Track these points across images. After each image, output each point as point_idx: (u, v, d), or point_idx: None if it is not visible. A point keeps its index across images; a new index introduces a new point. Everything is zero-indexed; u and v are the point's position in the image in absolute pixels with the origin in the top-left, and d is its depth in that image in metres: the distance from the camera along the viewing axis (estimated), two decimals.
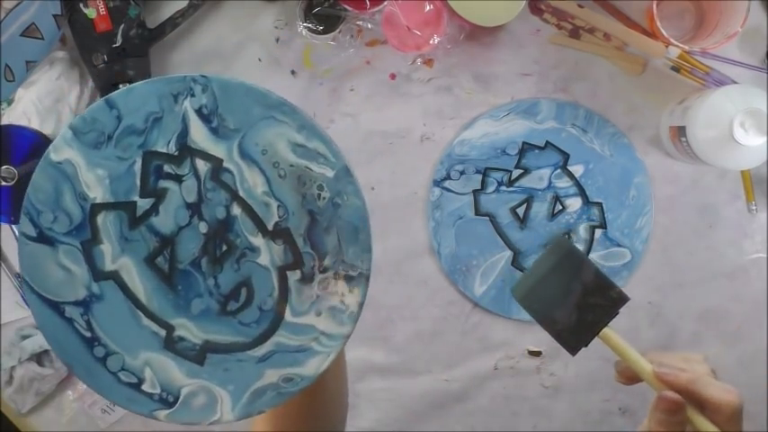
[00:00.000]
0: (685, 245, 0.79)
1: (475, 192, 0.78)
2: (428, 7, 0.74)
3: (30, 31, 0.72)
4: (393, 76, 0.78)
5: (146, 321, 0.55)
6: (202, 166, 0.55)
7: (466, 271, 0.78)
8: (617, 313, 0.46)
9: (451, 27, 0.76)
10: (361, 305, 0.53)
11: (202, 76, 0.54)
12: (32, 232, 0.55)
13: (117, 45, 0.73)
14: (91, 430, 0.81)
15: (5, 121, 0.74)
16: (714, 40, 0.71)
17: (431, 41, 0.75)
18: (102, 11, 0.72)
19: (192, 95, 0.54)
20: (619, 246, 0.78)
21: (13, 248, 0.79)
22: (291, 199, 0.54)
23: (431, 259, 0.79)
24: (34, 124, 0.74)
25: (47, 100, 0.74)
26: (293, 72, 0.78)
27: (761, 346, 0.79)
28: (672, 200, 0.79)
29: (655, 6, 0.71)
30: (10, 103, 0.75)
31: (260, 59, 0.78)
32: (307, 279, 0.54)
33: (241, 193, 0.55)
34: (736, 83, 0.75)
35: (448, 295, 0.79)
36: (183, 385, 0.56)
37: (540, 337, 0.80)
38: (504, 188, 0.78)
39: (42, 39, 0.72)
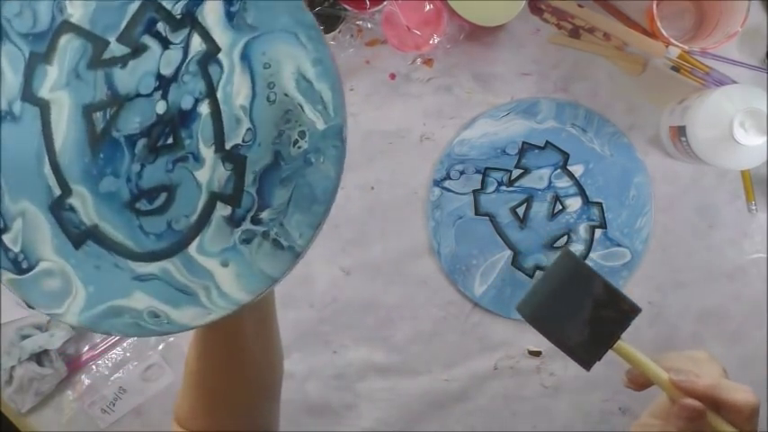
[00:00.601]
0: (685, 245, 0.79)
1: (475, 192, 0.78)
2: (428, 7, 0.74)
3: None
4: (393, 76, 0.78)
5: (46, 170, 0.49)
6: (197, 44, 0.48)
7: (466, 271, 0.78)
8: (628, 325, 0.45)
9: (451, 27, 0.76)
10: (273, 281, 0.47)
11: None
12: None
13: None
14: (90, 430, 0.81)
15: None
16: (714, 40, 0.71)
17: (431, 41, 0.75)
18: None
19: None
20: (619, 246, 0.78)
21: None
22: (266, 129, 0.48)
23: (431, 259, 0.79)
24: None
25: None
26: None
27: (761, 346, 0.79)
28: (672, 200, 0.79)
29: (655, 6, 0.71)
30: None
31: None
32: (234, 221, 0.48)
33: (219, 94, 0.48)
34: (736, 83, 0.75)
35: (448, 295, 0.79)
36: (45, 259, 0.50)
37: (540, 337, 0.79)
38: (503, 188, 0.78)
39: None
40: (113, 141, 0.49)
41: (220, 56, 0.48)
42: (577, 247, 0.78)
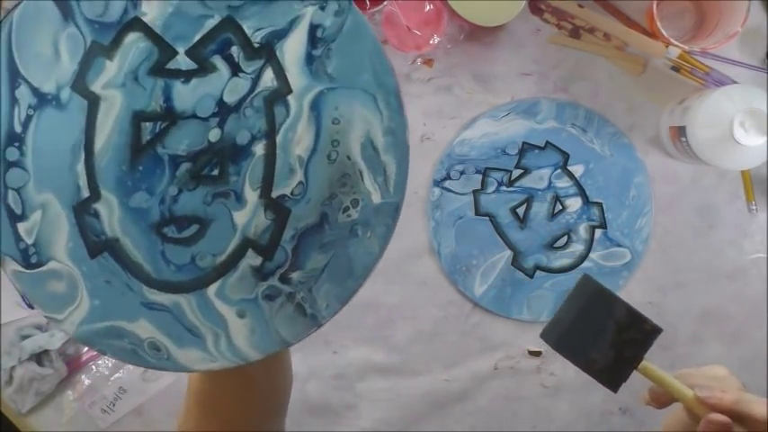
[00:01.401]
0: (685, 245, 0.79)
1: (475, 192, 0.78)
2: (428, 7, 0.74)
3: None
4: None
5: (79, 168, 0.46)
6: (268, 79, 0.45)
7: (466, 271, 0.78)
8: (651, 345, 0.46)
9: (451, 27, 0.76)
10: (286, 345, 0.45)
11: (348, 1, 0.45)
12: None
13: None
14: (91, 430, 0.81)
15: None
16: (714, 40, 0.71)
17: (431, 41, 0.75)
18: None
19: (322, 8, 0.45)
20: (619, 246, 0.78)
21: None
22: (318, 188, 0.45)
23: (431, 259, 0.79)
24: None
25: None
26: None
27: (761, 347, 0.79)
28: (672, 200, 0.79)
29: (655, 6, 0.71)
30: None
31: None
32: (261, 273, 0.46)
33: (278, 138, 0.45)
34: (736, 83, 0.75)
35: (448, 295, 0.79)
36: (57, 259, 0.47)
37: (540, 338, 0.79)
38: (504, 188, 0.78)
39: None
40: (156, 157, 0.47)
41: (290, 98, 0.46)
42: (577, 247, 0.78)
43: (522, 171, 0.78)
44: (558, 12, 0.77)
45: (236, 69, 0.46)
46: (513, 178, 0.78)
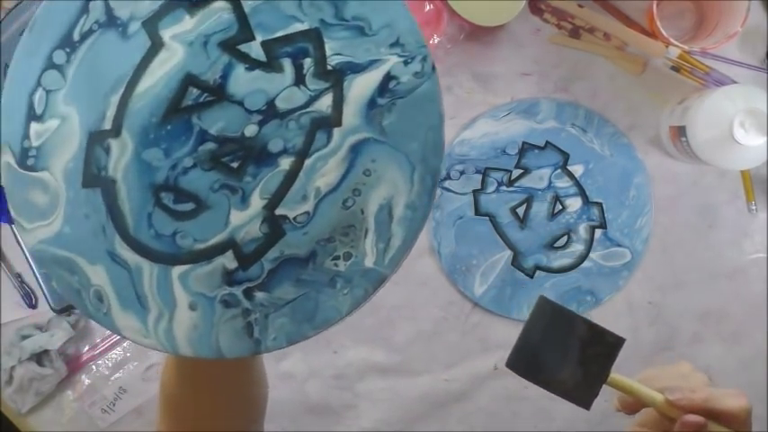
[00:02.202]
0: (685, 245, 0.79)
1: (475, 192, 0.78)
2: (428, 7, 0.74)
3: None
4: None
5: (113, 99, 0.46)
6: (324, 104, 0.45)
7: (466, 271, 0.78)
8: (616, 356, 0.46)
9: (451, 27, 0.76)
10: (219, 355, 0.45)
11: (433, 69, 0.44)
12: None
13: None
14: (91, 430, 0.81)
15: None
16: (714, 40, 0.71)
17: (431, 41, 0.75)
18: None
19: (405, 63, 0.44)
20: (619, 246, 0.78)
21: (13, 248, 0.79)
22: (321, 225, 0.45)
23: (431, 259, 0.79)
24: None
25: None
26: None
27: (761, 347, 0.79)
28: (672, 200, 0.78)
29: (655, 6, 0.71)
30: None
31: None
32: (230, 278, 0.45)
33: (307, 162, 0.44)
34: (736, 83, 0.75)
35: (448, 295, 0.79)
36: (51, 172, 0.47)
37: None
38: (504, 188, 0.78)
39: None
40: (188, 124, 0.46)
41: (336, 131, 0.45)
42: (577, 247, 0.78)
43: (522, 171, 0.78)
44: (558, 12, 0.77)
45: (300, 80, 0.45)
46: (513, 178, 0.78)
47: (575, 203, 0.78)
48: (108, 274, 0.46)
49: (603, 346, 0.46)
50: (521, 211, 0.78)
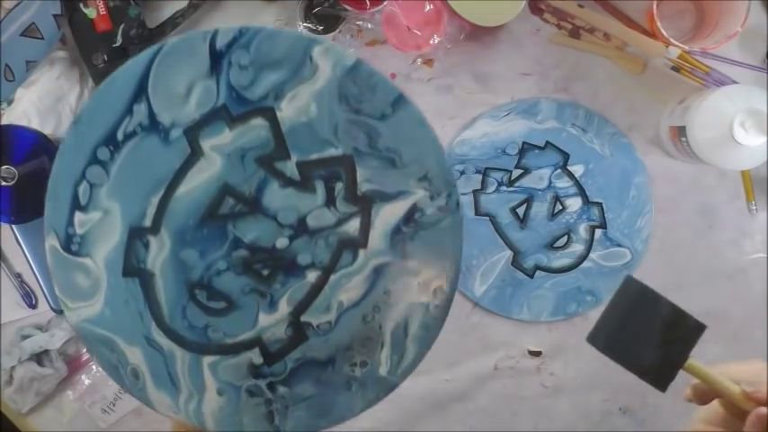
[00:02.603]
0: (685, 245, 0.79)
1: (475, 192, 0.78)
2: (428, 7, 0.74)
3: (30, 31, 0.72)
4: (393, 76, 0.78)
5: (154, 199, 0.50)
6: (352, 227, 0.49)
7: (466, 271, 0.78)
8: (696, 342, 0.46)
9: (451, 27, 0.76)
10: None
11: (457, 205, 0.50)
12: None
13: (117, 45, 0.73)
14: (91, 430, 0.81)
15: (5, 121, 0.74)
16: (714, 40, 0.71)
17: (431, 41, 0.75)
18: (102, 11, 0.72)
19: (431, 198, 0.49)
20: (619, 246, 0.78)
21: (13, 248, 0.79)
22: (341, 335, 0.48)
23: None
24: (34, 124, 0.74)
25: (47, 100, 0.74)
26: None
27: (761, 347, 0.79)
28: (672, 200, 0.79)
29: (655, 6, 0.71)
30: (10, 103, 0.75)
31: None
32: (256, 371, 0.49)
33: (333, 277, 0.48)
34: (736, 83, 0.75)
35: None
36: (93, 259, 0.51)
37: (540, 337, 0.80)
38: (504, 188, 0.78)
39: (42, 39, 0.72)
40: (223, 231, 0.50)
41: (361, 251, 0.49)
42: (577, 247, 0.78)
43: (522, 171, 0.78)
44: (558, 12, 0.77)
45: (331, 202, 0.49)
46: (513, 178, 0.78)
47: (575, 203, 0.78)
48: (144, 355, 0.50)
49: (685, 330, 0.46)
50: (521, 211, 0.78)
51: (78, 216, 0.50)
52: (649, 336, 0.46)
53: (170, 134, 0.49)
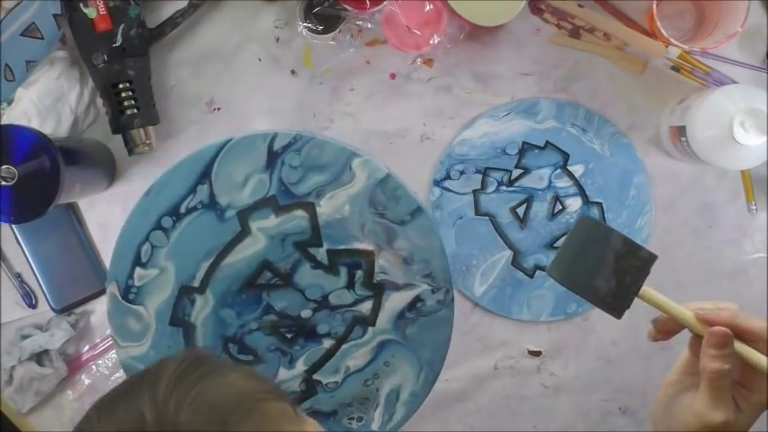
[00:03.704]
0: (685, 245, 0.79)
1: (475, 191, 0.78)
2: (428, 7, 0.74)
3: (30, 31, 0.72)
4: (393, 76, 0.78)
5: (204, 265, 0.60)
6: (365, 307, 0.60)
7: (466, 271, 0.78)
8: (649, 271, 0.49)
9: (451, 27, 0.76)
10: None
11: (452, 301, 0.62)
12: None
13: (117, 45, 0.73)
14: None
15: (5, 121, 0.74)
16: (714, 40, 0.71)
17: (431, 41, 0.75)
18: (102, 11, 0.72)
19: (432, 291, 0.61)
20: None
21: (13, 248, 0.79)
22: (345, 393, 0.60)
23: None
24: (34, 124, 0.74)
25: (47, 100, 0.74)
26: (293, 72, 0.78)
27: None
28: (672, 200, 0.78)
29: (655, 6, 0.71)
30: (10, 102, 0.75)
31: (260, 59, 0.78)
32: None
33: (344, 346, 0.59)
34: (736, 83, 0.75)
35: None
36: (146, 308, 0.61)
37: (540, 337, 0.79)
38: (504, 188, 0.78)
39: (42, 39, 0.72)
40: (258, 298, 0.60)
41: (370, 328, 0.60)
42: None
43: (522, 171, 0.78)
44: (558, 12, 0.77)
45: (350, 285, 0.60)
46: (513, 178, 0.78)
47: (575, 203, 0.78)
48: None
49: (637, 260, 0.49)
50: (521, 210, 0.78)
51: (138, 271, 0.60)
52: (603, 266, 0.49)
53: (225, 213, 0.59)
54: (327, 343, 0.60)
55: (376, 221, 0.60)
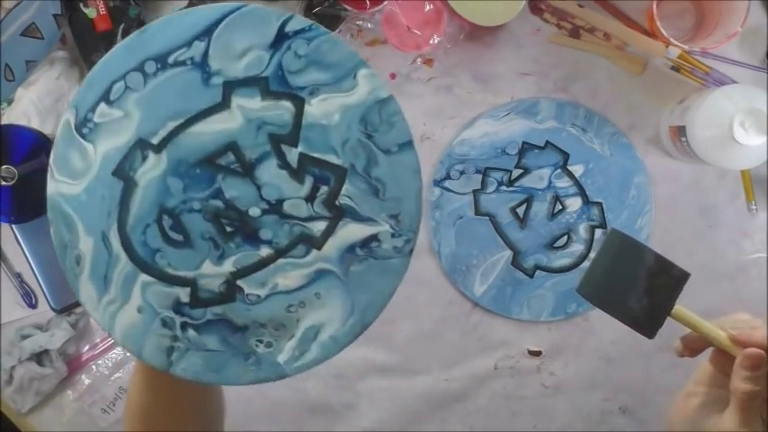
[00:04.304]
0: (685, 245, 0.79)
1: (475, 191, 0.78)
2: (428, 7, 0.74)
3: (30, 31, 0.72)
4: (393, 76, 0.78)
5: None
6: (317, 228, 0.54)
7: (466, 271, 0.78)
8: (681, 289, 0.48)
9: (451, 27, 0.76)
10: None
11: (410, 252, 0.55)
12: None
13: None
14: (91, 430, 0.81)
15: (5, 121, 0.74)
16: (714, 40, 0.71)
17: (431, 41, 0.75)
18: (102, 11, 0.72)
19: (392, 235, 0.54)
20: None
21: (13, 248, 0.79)
22: (262, 313, 0.54)
23: (431, 259, 0.79)
24: (34, 124, 0.74)
25: (47, 100, 0.74)
26: None
27: None
28: (672, 200, 0.78)
29: (655, 6, 0.71)
30: (10, 102, 0.75)
31: None
32: (175, 306, 0.53)
33: (280, 260, 0.53)
34: (736, 83, 0.75)
35: (448, 295, 0.79)
36: None
37: (540, 337, 0.80)
38: (504, 188, 0.78)
39: (42, 38, 0.72)
40: (211, 178, 0.55)
41: (314, 251, 0.54)
42: (577, 247, 0.78)
43: (522, 171, 0.78)
44: (558, 12, 0.77)
45: (310, 199, 0.54)
46: (513, 178, 0.78)
47: (575, 203, 0.78)
48: (94, 247, 0.54)
49: (669, 278, 0.48)
50: (521, 210, 0.78)
51: (102, 107, 0.54)
52: (635, 284, 0.48)
53: (211, 79, 0.54)
54: (265, 251, 0.54)
55: (361, 141, 0.54)
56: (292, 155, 0.54)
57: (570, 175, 0.78)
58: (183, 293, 0.54)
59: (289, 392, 0.81)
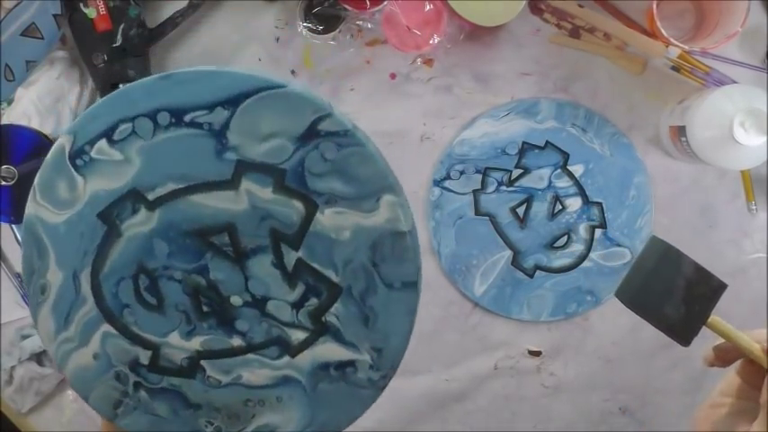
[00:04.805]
0: (685, 245, 0.78)
1: (475, 191, 0.78)
2: (428, 7, 0.74)
3: (30, 31, 0.72)
4: (393, 76, 0.78)
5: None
6: (296, 336, 0.52)
7: (466, 271, 0.78)
8: (718, 300, 0.48)
9: (451, 27, 0.76)
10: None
11: (382, 386, 0.54)
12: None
13: (117, 45, 0.73)
14: (91, 430, 0.81)
15: (5, 121, 0.74)
16: (714, 40, 0.71)
17: (431, 41, 0.75)
18: (102, 11, 0.72)
19: (371, 368, 0.53)
20: (619, 246, 0.78)
21: (13, 248, 0.79)
22: (218, 398, 0.53)
23: (431, 259, 0.79)
24: (34, 124, 0.74)
25: (47, 100, 0.74)
26: (293, 72, 0.78)
27: None
28: (672, 199, 0.78)
29: (655, 6, 0.71)
30: (10, 102, 0.75)
31: (260, 59, 0.78)
32: (132, 366, 0.52)
33: (250, 356, 0.52)
34: (736, 83, 0.75)
35: (448, 295, 0.79)
36: None
37: (540, 337, 0.80)
38: (504, 188, 0.78)
39: (42, 38, 0.72)
40: (200, 254, 0.52)
41: (286, 358, 0.52)
42: (577, 247, 0.78)
43: (522, 171, 0.78)
44: (558, 12, 0.77)
45: (297, 307, 0.51)
46: (513, 178, 0.78)
47: (575, 203, 0.78)
48: (63, 282, 0.51)
49: (707, 288, 0.48)
50: (521, 210, 0.78)
51: (101, 144, 0.50)
52: (673, 292, 0.48)
53: (226, 153, 0.50)
54: (237, 342, 0.51)
55: (365, 266, 0.51)
56: (290, 257, 0.50)
57: (570, 175, 0.78)
58: (144, 355, 0.52)
59: None
